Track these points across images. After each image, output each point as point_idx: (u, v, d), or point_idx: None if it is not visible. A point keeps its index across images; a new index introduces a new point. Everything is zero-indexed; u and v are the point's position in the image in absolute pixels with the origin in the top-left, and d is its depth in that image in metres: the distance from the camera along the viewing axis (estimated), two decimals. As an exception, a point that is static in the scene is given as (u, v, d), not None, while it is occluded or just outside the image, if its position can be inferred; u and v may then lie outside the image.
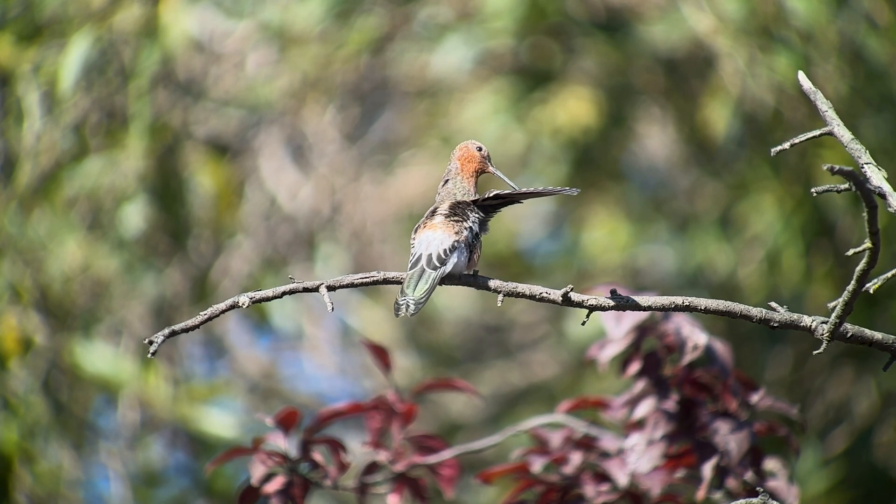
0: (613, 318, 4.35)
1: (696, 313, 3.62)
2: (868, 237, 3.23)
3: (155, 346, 3.31)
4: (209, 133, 8.77)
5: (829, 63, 8.07)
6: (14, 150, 8.09)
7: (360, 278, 3.43)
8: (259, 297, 3.37)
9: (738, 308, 3.40)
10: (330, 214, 9.29)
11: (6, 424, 7.90)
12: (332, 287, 3.43)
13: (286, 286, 3.41)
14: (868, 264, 3.26)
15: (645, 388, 4.34)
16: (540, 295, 3.45)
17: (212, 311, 3.37)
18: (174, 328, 3.35)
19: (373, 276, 3.43)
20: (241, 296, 3.38)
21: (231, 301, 3.36)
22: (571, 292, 3.41)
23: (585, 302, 3.42)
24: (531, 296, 3.46)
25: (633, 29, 8.59)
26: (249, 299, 3.36)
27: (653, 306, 3.40)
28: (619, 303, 3.40)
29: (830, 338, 3.37)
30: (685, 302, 3.40)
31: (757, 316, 3.40)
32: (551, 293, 3.43)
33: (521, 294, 3.48)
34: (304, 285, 3.42)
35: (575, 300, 3.41)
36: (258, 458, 4.26)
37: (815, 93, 3.45)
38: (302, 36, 8.66)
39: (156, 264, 8.48)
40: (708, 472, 4.22)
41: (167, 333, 3.35)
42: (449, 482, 4.37)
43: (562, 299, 3.40)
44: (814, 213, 8.38)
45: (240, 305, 3.35)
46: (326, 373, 9.69)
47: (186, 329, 3.34)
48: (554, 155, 8.99)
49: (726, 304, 3.41)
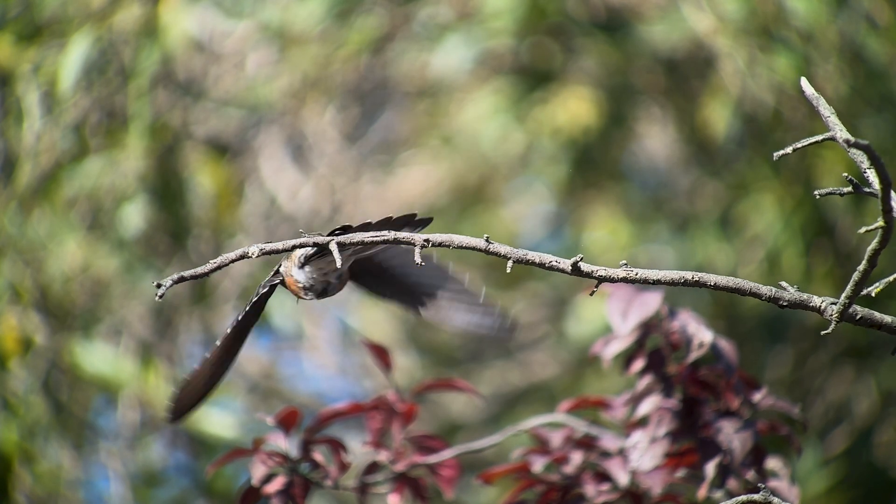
0: (620, 313, 4.35)
1: (699, 311, 3.60)
2: (881, 215, 3.21)
3: (163, 290, 3.31)
4: (209, 133, 8.77)
5: (829, 63, 8.07)
6: (14, 150, 8.09)
7: (371, 237, 3.42)
8: (269, 248, 3.38)
9: (747, 286, 3.39)
10: (330, 214, 9.29)
11: (6, 424, 7.90)
12: (343, 244, 3.42)
13: (296, 240, 3.42)
14: (880, 244, 3.24)
15: (648, 385, 4.34)
16: (549, 263, 3.45)
17: (221, 259, 3.37)
18: (183, 274, 3.34)
19: (384, 235, 3.43)
20: (251, 246, 3.39)
21: (241, 251, 3.38)
22: (581, 262, 3.42)
23: (594, 272, 3.42)
24: (541, 263, 3.46)
25: (633, 29, 8.60)
26: (259, 249, 3.37)
27: (663, 280, 3.41)
28: (628, 275, 3.41)
29: (840, 318, 3.36)
30: (695, 277, 3.41)
31: (766, 294, 3.39)
32: (561, 262, 3.44)
33: (530, 261, 3.48)
34: (315, 240, 3.43)
35: (584, 270, 3.42)
36: (259, 459, 4.26)
37: (817, 98, 3.45)
38: (302, 36, 8.66)
39: (156, 264, 8.48)
40: (710, 470, 4.22)
41: (176, 279, 3.35)
42: (449, 482, 4.37)
43: (571, 268, 3.41)
44: (814, 213, 8.38)
45: (249, 255, 3.36)
46: (327, 373, 9.69)
47: (196, 276, 3.33)
48: (554, 155, 8.99)
49: (735, 281, 3.41)
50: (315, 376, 9.71)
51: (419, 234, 3.41)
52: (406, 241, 3.41)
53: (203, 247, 8.69)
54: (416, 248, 3.40)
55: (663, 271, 3.43)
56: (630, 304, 4.32)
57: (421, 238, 3.42)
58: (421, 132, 9.35)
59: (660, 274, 3.41)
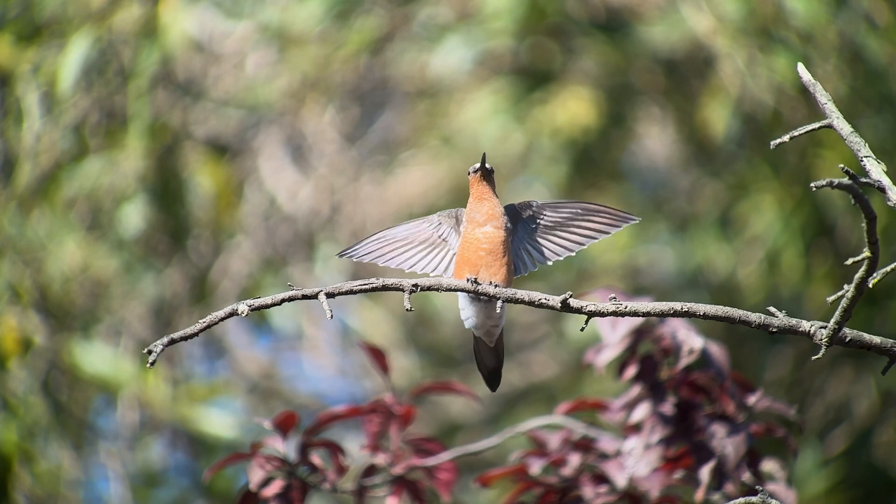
0: (609, 323, 4.35)
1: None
2: (867, 247, 3.23)
3: (154, 356, 3.31)
4: (209, 133, 8.77)
5: (828, 63, 8.07)
6: (14, 151, 8.09)
7: (360, 285, 3.42)
8: (258, 304, 3.37)
9: (736, 314, 3.40)
10: (330, 215, 9.29)
11: (6, 425, 7.90)
12: (332, 294, 3.42)
13: (285, 294, 3.40)
14: (867, 272, 3.26)
15: (641, 392, 4.35)
16: (539, 301, 3.44)
17: (210, 318, 3.36)
18: (173, 336, 3.34)
19: (371, 283, 3.42)
20: (239, 304, 3.37)
21: (230, 309, 3.36)
22: (570, 298, 3.41)
23: (584, 308, 3.41)
24: (530, 302, 3.45)
25: (633, 29, 8.59)
26: (248, 307, 3.36)
27: (651, 312, 3.40)
28: (617, 308, 3.40)
29: (829, 343, 3.37)
30: (684, 308, 3.40)
31: (756, 321, 3.40)
32: (550, 299, 3.43)
33: (519, 300, 3.48)
34: (304, 292, 3.42)
35: (574, 306, 3.41)
36: (256, 462, 4.26)
37: (814, 85, 3.45)
38: (301, 36, 8.66)
39: (155, 264, 8.48)
40: (705, 476, 4.22)
41: (166, 342, 3.34)
42: (446, 486, 4.37)
43: (560, 306, 3.40)
44: (814, 213, 8.38)
45: (238, 313, 3.35)
46: (326, 373, 9.69)
47: (185, 337, 3.33)
48: (554, 155, 8.98)
49: (725, 310, 3.41)
50: (315, 377, 9.71)
51: (407, 280, 3.42)
52: (395, 287, 3.43)
53: (202, 247, 8.69)
54: (405, 294, 3.43)
55: (652, 303, 3.42)
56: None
57: (409, 283, 3.44)
58: (421, 132, 9.35)
59: (649, 306, 3.41)
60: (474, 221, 3.81)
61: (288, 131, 9.10)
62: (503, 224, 3.81)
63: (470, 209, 3.85)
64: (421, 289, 3.45)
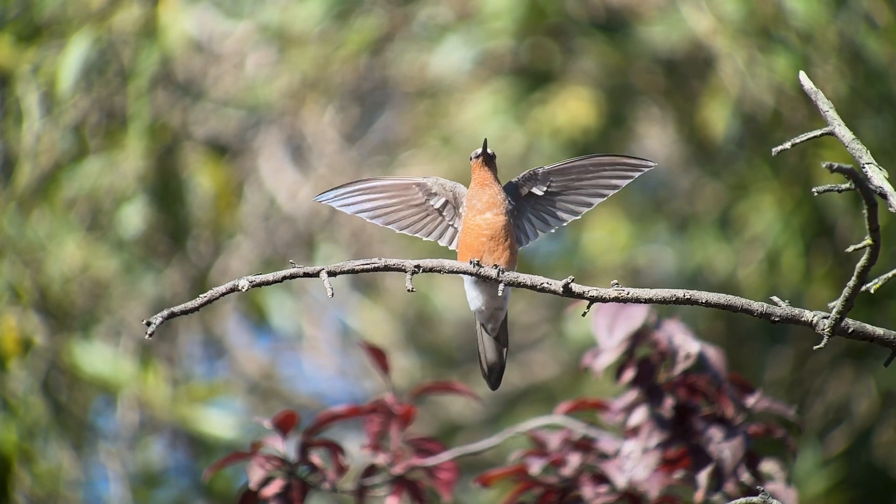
0: (605, 327, 4.35)
1: (696, 317, 3.60)
2: (868, 234, 3.23)
3: (152, 328, 3.33)
4: (208, 133, 8.77)
5: (828, 63, 8.07)
6: (14, 151, 8.09)
7: (362, 264, 3.44)
8: (259, 280, 3.39)
9: (739, 302, 3.40)
10: (329, 215, 9.30)
11: (6, 425, 7.90)
12: (333, 272, 3.44)
13: (287, 271, 3.43)
14: (868, 261, 3.26)
15: (639, 395, 4.35)
16: (541, 285, 3.46)
17: (211, 293, 3.38)
18: (173, 310, 3.36)
19: (374, 263, 3.44)
20: (241, 279, 3.39)
21: (231, 284, 3.39)
22: (572, 283, 3.42)
23: (586, 293, 3.43)
24: (532, 286, 3.47)
25: (633, 29, 8.59)
26: (249, 283, 3.38)
27: (654, 299, 3.41)
28: (619, 294, 3.41)
29: (831, 333, 3.37)
30: (686, 295, 3.40)
31: (758, 310, 3.40)
32: (552, 283, 3.44)
33: (522, 284, 3.49)
34: (305, 270, 3.44)
35: (576, 291, 3.42)
36: (256, 462, 4.26)
37: (816, 93, 3.46)
38: (301, 36, 8.66)
39: (155, 265, 8.48)
40: (703, 479, 4.22)
41: (165, 315, 3.36)
42: (446, 486, 4.37)
43: (563, 290, 3.42)
44: (814, 213, 8.38)
45: (239, 289, 3.37)
46: (326, 373, 9.69)
47: (185, 311, 3.35)
48: (554, 155, 8.98)
49: (727, 298, 3.41)
50: (315, 377, 9.71)
51: (409, 261, 3.43)
52: (397, 267, 3.44)
53: (202, 247, 8.69)
54: (407, 274, 3.43)
55: (654, 290, 3.42)
56: (616, 319, 4.34)
57: (412, 264, 3.45)
58: (421, 132, 9.35)
59: (651, 293, 3.41)
60: (475, 208, 3.83)
61: (288, 131, 9.10)
62: (504, 209, 3.83)
63: (471, 195, 3.86)
64: (423, 270, 3.46)
